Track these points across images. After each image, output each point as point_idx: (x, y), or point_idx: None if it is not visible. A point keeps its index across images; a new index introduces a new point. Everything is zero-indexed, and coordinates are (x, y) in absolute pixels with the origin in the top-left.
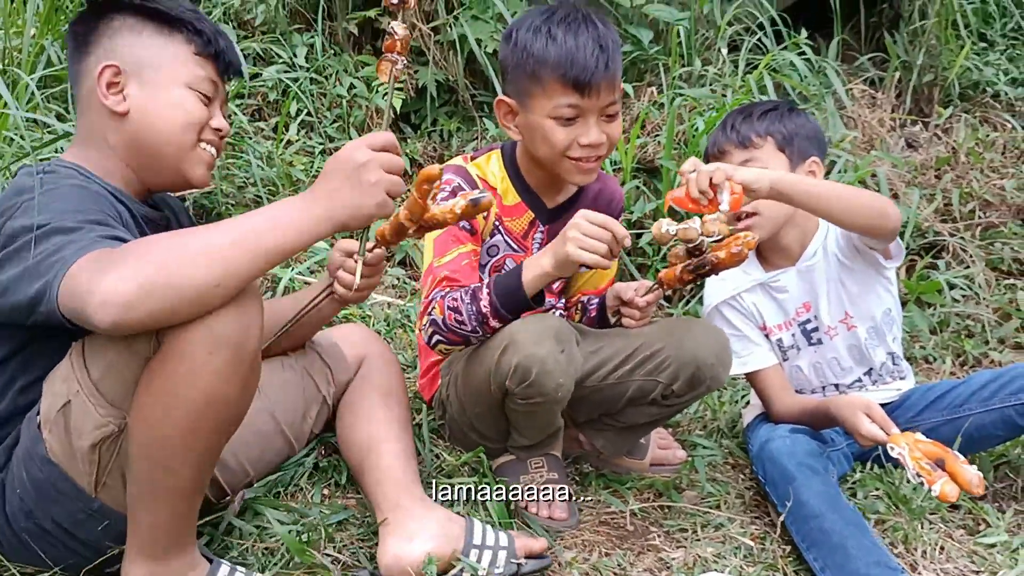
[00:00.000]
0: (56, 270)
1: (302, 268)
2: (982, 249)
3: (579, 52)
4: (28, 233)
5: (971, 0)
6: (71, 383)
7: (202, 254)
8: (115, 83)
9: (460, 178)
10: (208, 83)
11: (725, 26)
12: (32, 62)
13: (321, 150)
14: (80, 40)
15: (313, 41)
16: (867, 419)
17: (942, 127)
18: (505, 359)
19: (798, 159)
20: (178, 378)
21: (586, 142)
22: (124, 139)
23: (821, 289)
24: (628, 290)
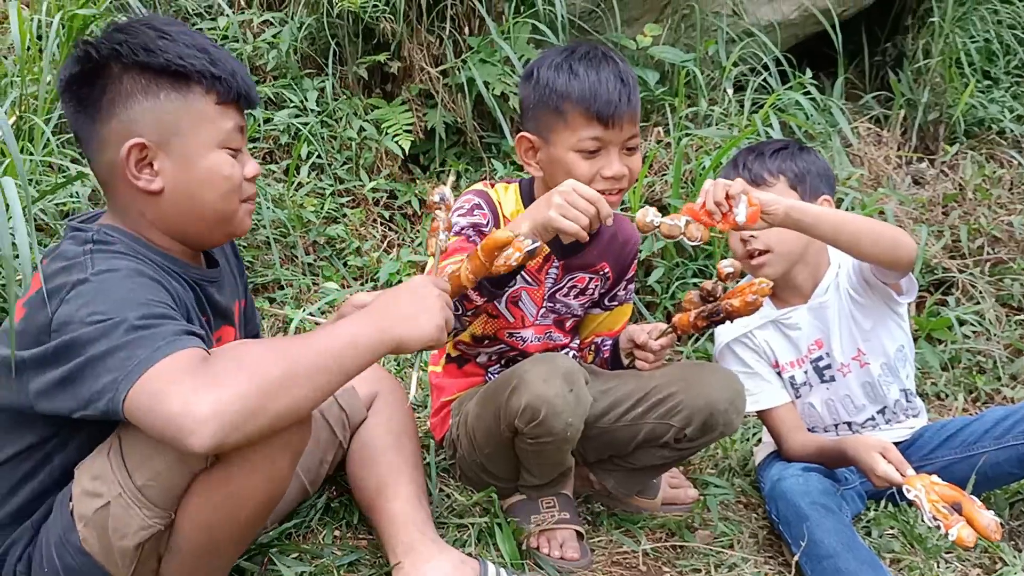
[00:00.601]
0: (128, 371)
1: (313, 309)
2: (992, 285)
3: (602, 86)
4: (83, 326)
5: (975, 38)
6: (111, 485)
7: (296, 377)
8: (143, 159)
9: (480, 199)
10: (236, 133)
11: (730, 66)
12: (48, 108)
13: (332, 191)
14: (87, 103)
15: (324, 85)
16: (883, 460)
17: (948, 164)
18: (514, 399)
19: (810, 197)
20: (242, 487)
21: (609, 174)
22: (162, 215)
23: (833, 326)
24: (641, 333)
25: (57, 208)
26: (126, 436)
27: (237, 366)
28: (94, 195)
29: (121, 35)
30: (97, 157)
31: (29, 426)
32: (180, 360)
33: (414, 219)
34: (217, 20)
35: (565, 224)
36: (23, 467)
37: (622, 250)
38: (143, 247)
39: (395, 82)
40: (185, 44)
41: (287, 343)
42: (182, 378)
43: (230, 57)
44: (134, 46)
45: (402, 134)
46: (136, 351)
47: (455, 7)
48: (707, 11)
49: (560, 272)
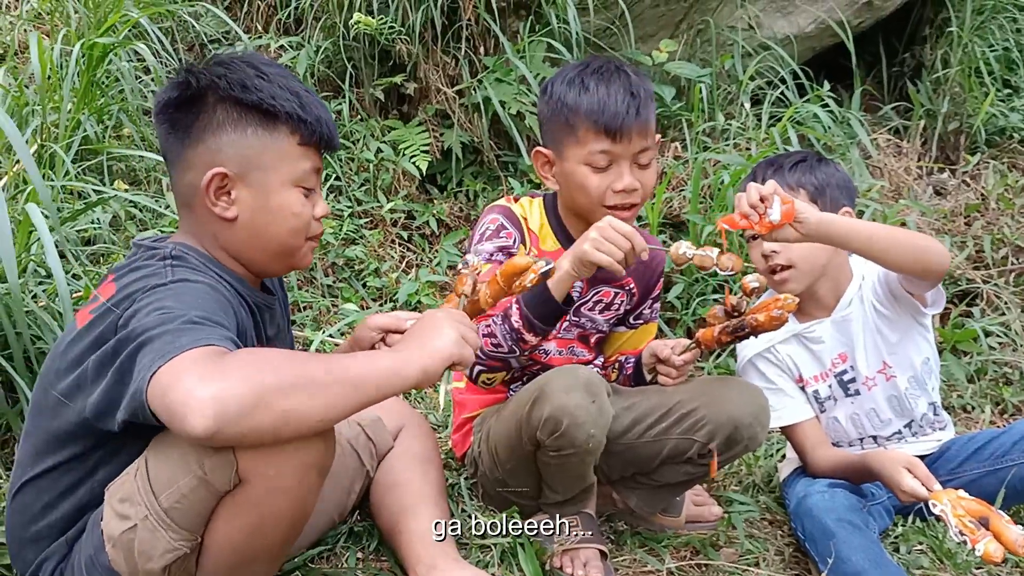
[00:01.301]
0: (163, 354)
1: (332, 331)
2: (1017, 295)
3: (610, 99)
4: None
5: (993, 47)
6: (138, 507)
7: (307, 384)
8: (222, 187)
9: (504, 217)
10: (312, 174)
11: (747, 80)
12: (68, 135)
13: (350, 213)
14: (179, 126)
15: (341, 107)
16: (909, 475)
17: (970, 174)
18: (535, 410)
19: (830, 209)
20: (268, 508)
21: (619, 187)
22: (233, 241)
23: (858, 340)
24: (665, 348)
25: (78, 235)
26: (152, 457)
27: (249, 363)
28: (115, 221)
29: (221, 69)
30: (180, 178)
31: (73, 439)
32: (200, 352)
33: (432, 239)
34: (234, 46)
35: (599, 257)
36: (64, 480)
37: (647, 268)
38: (215, 266)
39: (411, 103)
40: (279, 86)
41: (307, 355)
42: (195, 367)
43: (320, 104)
44: (232, 81)
45: (419, 155)
46: (179, 339)
47: (470, 27)
48: (722, 26)
49: (585, 286)
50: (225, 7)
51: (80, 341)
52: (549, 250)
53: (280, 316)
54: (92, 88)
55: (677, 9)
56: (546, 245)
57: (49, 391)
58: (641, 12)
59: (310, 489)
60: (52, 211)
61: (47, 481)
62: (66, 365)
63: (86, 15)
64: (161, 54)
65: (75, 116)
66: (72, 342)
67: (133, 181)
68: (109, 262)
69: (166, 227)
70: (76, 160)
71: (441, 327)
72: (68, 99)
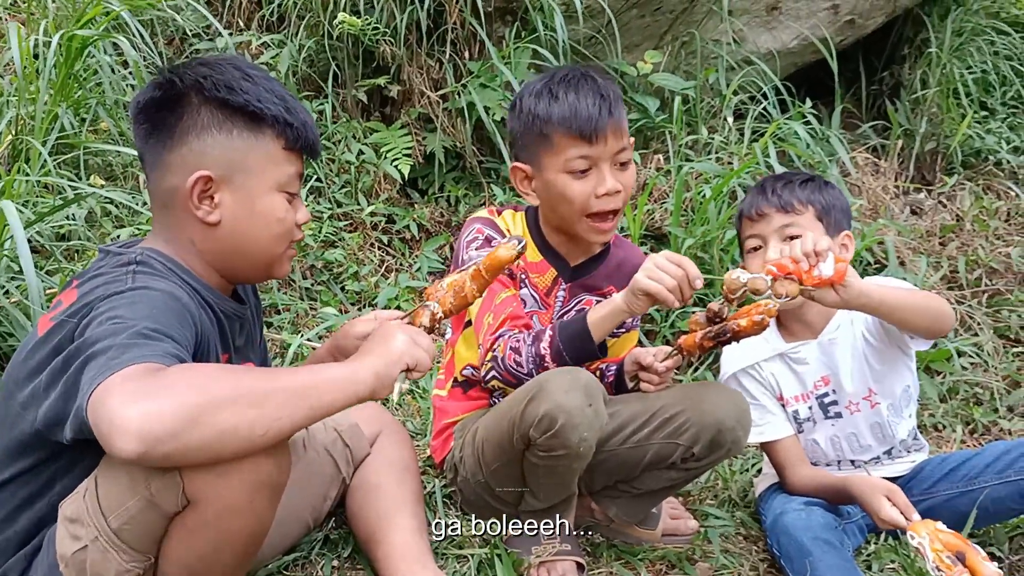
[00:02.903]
0: (105, 371)
1: (311, 334)
2: (989, 316)
3: (581, 104)
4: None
5: (972, 69)
6: (87, 528)
7: (246, 399)
8: (206, 190)
9: (489, 228)
10: (295, 179)
11: (730, 95)
12: (45, 129)
13: (329, 215)
14: (162, 128)
15: (323, 108)
16: (888, 503)
17: (946, 195)
18: (532, 407)
19: (834, 231)
20: (220, 529)
21: (603, 191)
22: (213, 246)
23: (844, 365)
24: (647, 355)
25: (53, 231)
26: (102, 477)
27: (181, 380)
28: (90, 217)
29: (206, 69)
30: (160, 180)
31: (29, 449)
32: (134, 369)
33: (412, 244)
34: (215, 41)
35: (652, 286)
36: (21, 493)
37: (629, 276)
38: (182, 272)
39: (394, 106)
40: (264, 88)
41: (248, 368)
42: (124, 385)
43: (304, 109)
44: (217, 82)
45: (401, 158)
46: (122, 355)
47: (455, 31)
48: (707, 39)
49: (567, 295)
50: (206, 1)
51: (40, 349)
52: (535, 261)
53: (252, 325)
54: (70, 81)
55: (663, 20)
56: (532, 256)
57: (9, 400)
58: (627, 22)
59: (263, 508)
60: None
61: (5, 494)
62: (25, 373)
63: (64, 5)
64: (141, 48)
65: (52, 109)
66: (32, 350)
67: (109, 176)
68: (84, 258)
69: (143, 224)
70: (52, 153)
71: (392, 333)
72: (45, 91)
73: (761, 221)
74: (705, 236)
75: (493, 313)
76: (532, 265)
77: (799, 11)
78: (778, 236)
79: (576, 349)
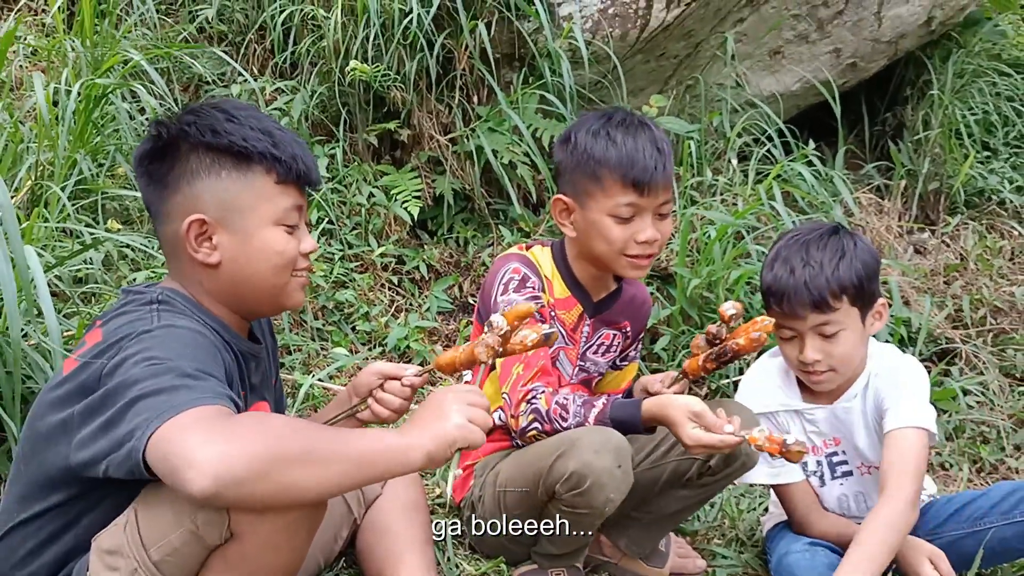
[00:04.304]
0: (161, 412)
1: (322, 374)
2: (995, 355)
3: (638, 154)
4: (135, 367)
5: (973, 110)
6: (127, 559)
7: (313, 458)
8: (203, 233)
9: (524, 266)
10: (293, 212)
11: (734, 137)
12: (64, 174)
13: (341, 256)
14: (156, 177)
15: (334, 152)
16: (930, 566)
17: (949, 234)
18: (560, 463)
19: (867, 306)
20: (259, 563)
21: (643, 239)
22: (219, 286)
23: (857, 432)
24: (655, 383)
25: (71, 275)
26: (143, 510)
27: (257, 430)
28: (107, 261)
29: (191, 116)
30: (162, 228)
31: (59, 486)
32: (206, 411)
33: (422, 284)
34: (230, 88)
35: (695, 449)
36: (48, 528)
37: (640, 309)
38: (201, 312)
39: (404, 149)
40: (250, 127)
41: (313, 426)
42: (200, 426)
43: (295, 140)
44: (202, 127)
45: (411, 200)
46: (176, 397)
47: (464, 77)
48: (711, 83)
49: (591, 331)
50: (221, 49)
51: (65, 386)
52: (560, 297)
53: (267, 365)
54: (88, 127)
55: (667, 65)
56: (556, 292)
57: (35, 438)
58: (632, 67)
59: (301, 543)
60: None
61: (32, 528)
62: (51, 412)
63: (84, 54)
64: (158, 94)
65: (71, 155)
66: (57, 387)
67: (126, 220)
68: (101, 301)
69: (158, 268)
70: (71, 198)
71: (448, 411)
72: (64, 138)
73: (795, 318)
74: (711, 276)
75: (524, 364)
76: (560, 302)
77: (801, 55)
78: (814, 332)
79: (624, 425)
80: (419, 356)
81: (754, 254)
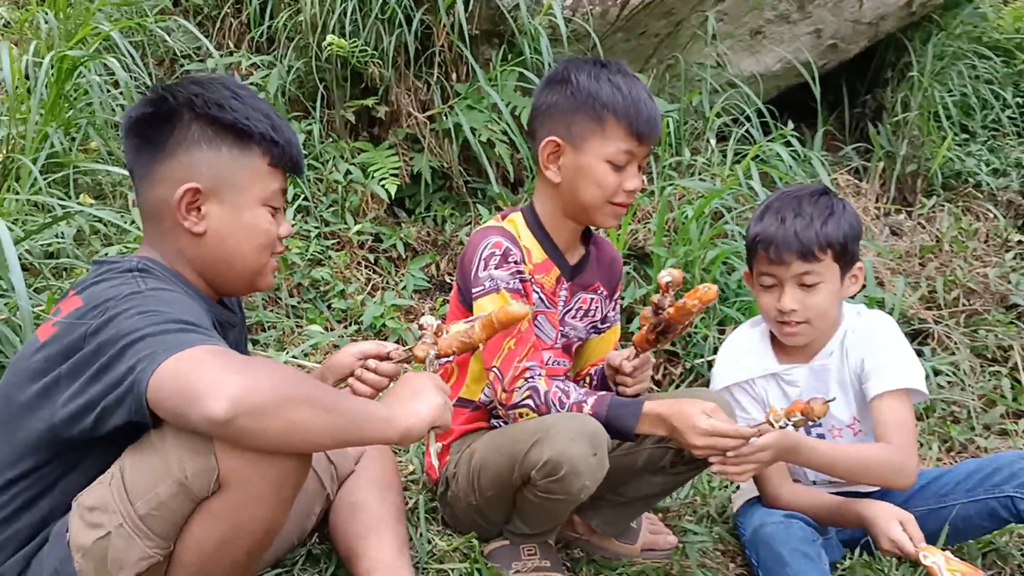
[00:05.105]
0: (164, 348)
1: (296, 351)
2: (967, 336)
3: (642, 104)
4: (127, 319)
5: (952, 92)
6: (112, 515)
7: (318, 406)
8: (193, 202)
9: (507, 240)
10: (279, 195)
11: (713, 117)
12: (36, 148)
13: (317, 234)
14: (152, 142)
15: (311, 128)
16: (900, 527)
17: (925, 216)
18: (535, 451)
19: (847, 266)
20: (244, 515)
21: (630, 187)
22: (199, 255)
23: (832, 390)
24: (617, 358)
25: (42, 248)
26: (129, 465)
27: (270, 368)
28: (79, 236)
29: (197, 87)
30: (148, 192)
31: (32, 451)
32: (216, 350)
33: (399, 262)
34: (205, 62)
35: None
36: (24, 494)
37: (611, 267)
38: (180, 281)
39: (382, 126)
40: (252, 107)
41: (318, 380)
42: (216, 361)
43: (289, 128)
44: (208, 100)
45: (388, 178)
46: (182, 337)
47: (443, 54)
48: (691, 62)
49: (569, 295)
50: (197, 23)
51: (44, 351)
52: (538, 261)
53: (239, 336)
54: (60, 100)
55: (648, 44)
56: (535, 258)
57: (11, 408)
58: (613, 45)
59: (284, 502)
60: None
61: (8, 495)
62: (29, 376)
63: (57, 26)
64: (131, 68)
65: (43, 128)
66: (34, 353)
67: (98, 195)
68: (72, 276)
69: (131, 243)
70: (42, 172)
71: (427, 391)
72: (36, 111)
73: (780, 264)
74: (687, 256)
75: (517, 340)
76: (538, 266)
77: (782, 35)
78: (795, 282)
79: (615, 429)
80: (395, 334)
81: (731, 234)
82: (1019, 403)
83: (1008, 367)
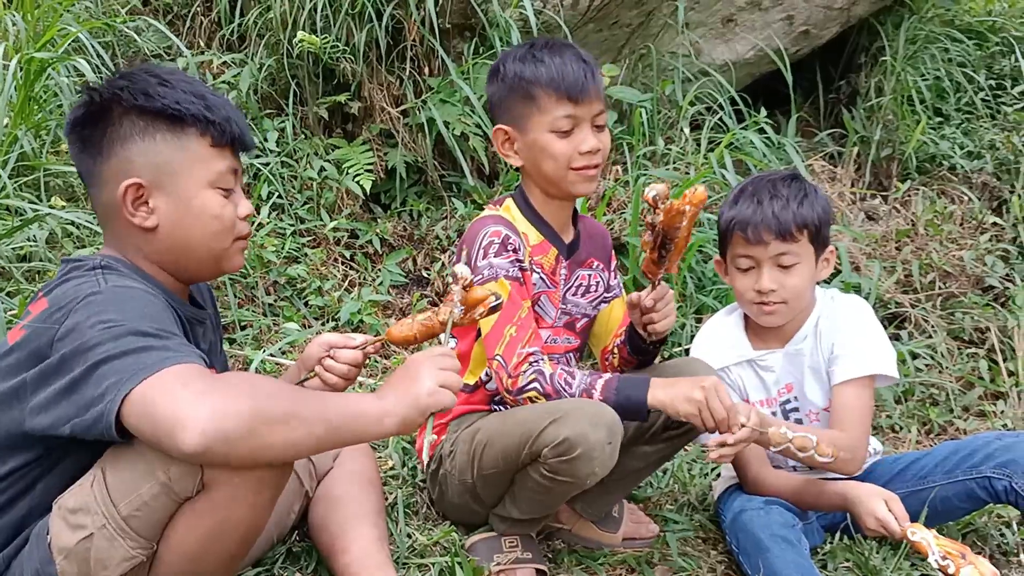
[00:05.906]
0: (132, 373)
1: (273, 349)
2: (943, 319)
3: (567, 67)
4: (91, 331)
5: (925, 76)
6: (94, 516)
7: (298, 419)
8: (139, 197)
9: (506, 228)
10: (228, 175)
11: (687, 106)
12: (5, 151)
13: (292, 231)
14: (89, 143)
15: (284, 125)
16: (886, 507)
17: (901, 200)
18: (554, 428)
19: (821, 249)
20: (227, 516)
21: (585, 149)
22: (157, 250)
23: (806, 375)
24: (635, 295)
25: (14, 252)
26: (111, 467)
27: (245, 387)
28: (51, 238)
29: (123, 81)
30: (97, 194)
31: (13, 451)
32: (188, 370)
33: (375, 258)
34: (176, 61)
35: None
36: (3, 496)
37: (601, 241)
38: (143, 278)
39: (356, 122)
40: (183, 91)
41: (296, 388)
42: (187, 384)
43: (227, 104)
44: (134, 91)
45: (363, 174)
46: (144, 357)
47: (415, 48)
48: (663, 52)
49: (568, 272)
50: (167, 22)
51: (14, 355)
52: (536, 243)
53: (212, 331)
54: (29, 103)
55: (620, 35)
56: (532, 240)
57: None
58: (584, 36)
59: (267, 501)
60: None
61: None
62: (1, 381)
63: (24, 28)
64: (101, 69)
65: (12, 131)
66: (5, 357)
67: (70, 197)
68: (45, 279)
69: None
70: (12, 175)
71: (421, 377)
72: (4, 113)
73: (759, 244)
74: None
75: (517, 327)
76: (536, 248)
77: (754, 23)
78: (773, 262)
79: (626, 410)
80: (372, 329)
81: (706, 223)
82: (996, 384)
83: (985, 349)
